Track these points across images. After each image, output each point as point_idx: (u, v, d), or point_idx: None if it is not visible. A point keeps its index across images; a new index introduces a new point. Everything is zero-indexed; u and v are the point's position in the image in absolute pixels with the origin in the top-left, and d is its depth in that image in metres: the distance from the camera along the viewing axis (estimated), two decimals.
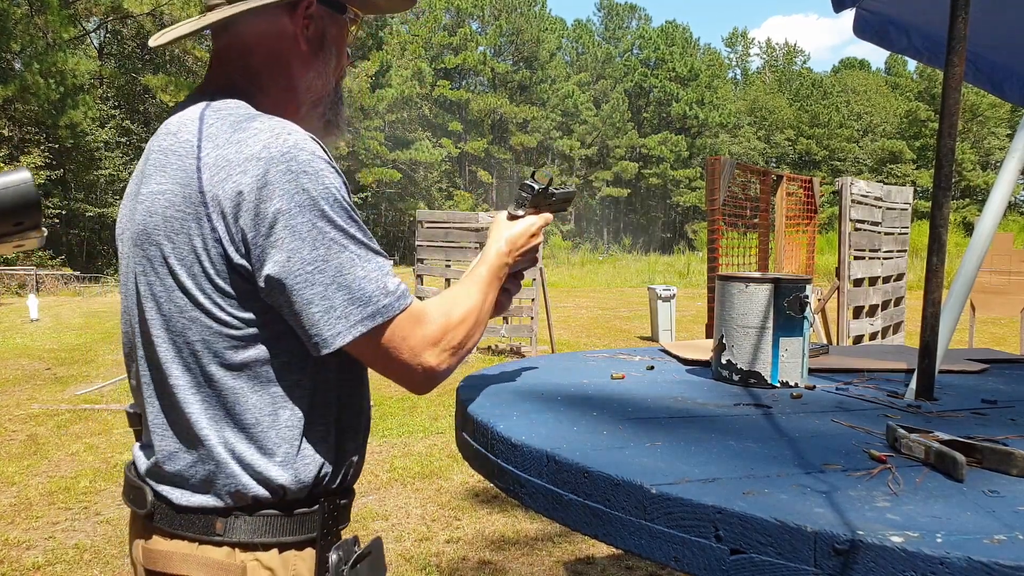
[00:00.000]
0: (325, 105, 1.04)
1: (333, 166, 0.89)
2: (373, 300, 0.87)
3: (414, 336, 0.91)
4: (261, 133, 0.86)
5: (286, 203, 0.84)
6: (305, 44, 0.99)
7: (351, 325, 0.86)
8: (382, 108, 42.43)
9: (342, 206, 0.88)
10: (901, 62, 61.80)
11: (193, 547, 0.91)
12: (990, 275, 6.11)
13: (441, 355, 0.94)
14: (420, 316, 0.92)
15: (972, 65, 2.49)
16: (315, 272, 0.85)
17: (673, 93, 52.92)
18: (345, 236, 0.87)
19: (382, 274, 0.89)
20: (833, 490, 0.75)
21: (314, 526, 0.94)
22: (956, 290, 1.33)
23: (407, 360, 0.91)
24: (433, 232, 8.67)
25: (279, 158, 0.84)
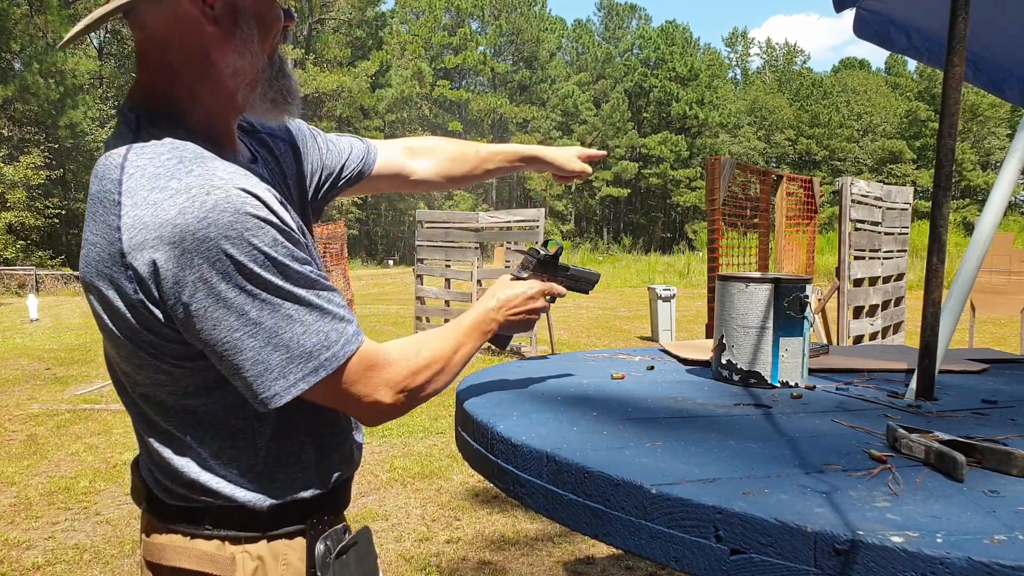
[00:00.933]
0: (263, 84, 0.94)
1: (264, 218, 0.81)
2: (314, 355, 0.85)
3: (366, 379, 0.90)
4: (178, 195, 0.79)
5: (206, 271, 0.79)
6: (211, 24, 0.87)
7: (291, 384, 0.84)
8: (382, 108, 42.41)
9: (274, 262, 0.82)
10: (901, 62, 61.81)
11: (186, 540, 0.93)
12: (990, 275, 6.11)
13: (397, 396, 0.93)
14: (372, 359, 0.91)
15: (972, 65, 2.49)
16: (245, 337, 0.82)
17: (673, 93, 52.92)
18: (279, 295, 0.82)
19: (324, 324, 0.86)
20: (833, 490, 0.75)
21: (302, 516, 0.96)
22: (956, 290, 1.33)
23: (360, 401, 0.91)
24: (433, 232, 8.67)
25: (195, 225, 0.78)
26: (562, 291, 1.22)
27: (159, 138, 0.85)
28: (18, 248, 24.06)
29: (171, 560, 0.94)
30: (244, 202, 0.80)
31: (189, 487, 0.92)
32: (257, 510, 0.93)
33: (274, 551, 0.94)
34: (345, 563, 0.96)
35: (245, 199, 0.81)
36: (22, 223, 24.28)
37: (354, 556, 0.98)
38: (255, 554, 0.93)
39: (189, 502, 0.93)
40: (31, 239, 25.73)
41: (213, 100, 0.91)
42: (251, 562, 0.92)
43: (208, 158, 0.85)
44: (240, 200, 0.80)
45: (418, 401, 0.96)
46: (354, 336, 0.88)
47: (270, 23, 0.93)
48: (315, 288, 0.86)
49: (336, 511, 1.02)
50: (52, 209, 25.56)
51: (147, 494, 0.97)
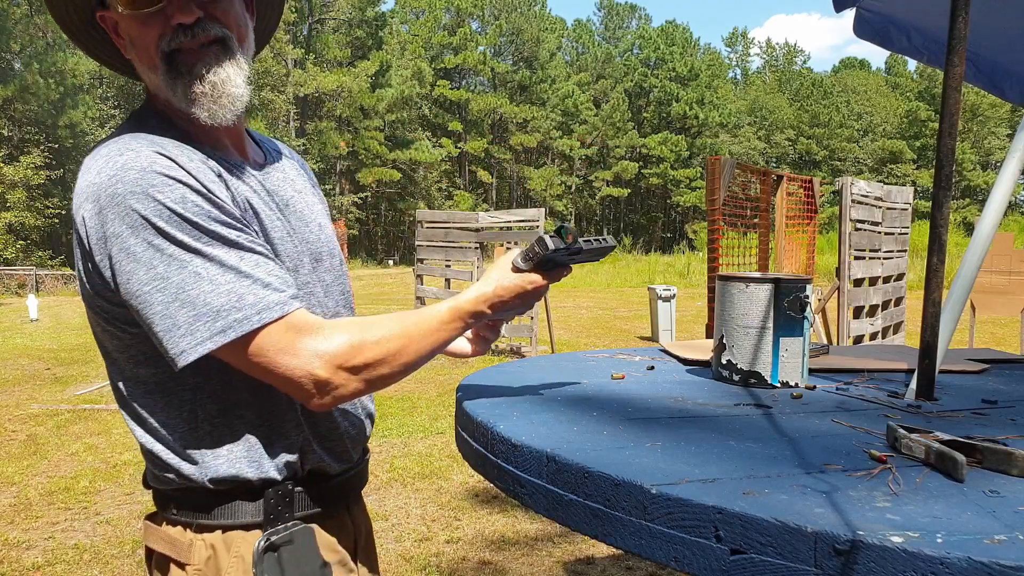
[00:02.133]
0: (165, 80, 0.93)
1: (174, 176, 0.85)
2: (222, 315, 0.83)
3: (294, 348, 0.86)
4: (100, 159, 0.87)
5: (118, 226, 0.83)
6: (123, 49, 0.97)
7: (198, 342, 0.83)
8: (382, 108, 42.41)
9: (181, 218, 0.84)
10: (901, 62, 61.82)
11: (159, 525, 0.99)
12: (990, 275, 6.11)
13: (335, 371, 0.87)
14: (303, 326, 0.87)
15: (972, 65, 2.49)
16: (154, 291, 0.83)
17: (673, 93, 52.93)
18: (186, 250, 0.83)
19: (238, 285, 0.84)
20: (833, 490, 0.75)
21: (258, 511, 0.97)
22: (956, 290, 1.33)
23: (288, 375, 0.86)
24: (433, 232, 8.67)
25: (106, 183, 0.84)
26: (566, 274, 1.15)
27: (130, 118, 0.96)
28: (18, 248, 24.07)
29: (150, 542, 1.00)
30: (153, 161, 0.85)
31: (155, 464, 0.96)
32: (198, 485, 0.94)
33: (228, 541, 0.95)
34: (275, 560, 0.94)
35: (155, 159, 0.85)
36: (22, 223, 24.29)
37: (288, 554, 0.96)
38: (209, 542, 0.95)
39: (160, 483, 0.98)
40: (31, 239, 25.74)
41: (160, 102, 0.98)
42: (205, 550, 0.95)
43: (143, 134, 0.90)
44: (149, 160, 0.85)
45: (370, 384, 0.90)
46: (277, 304, 0.86)
47: (142, 40, 0.92)
48: (236, 249, 0.86)
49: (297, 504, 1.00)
50: (52, 209, 25.57)
51: (144, 478, 1.04)
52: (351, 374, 0.88)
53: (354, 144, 41.51)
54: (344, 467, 1.07)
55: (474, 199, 48.61)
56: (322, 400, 0.88)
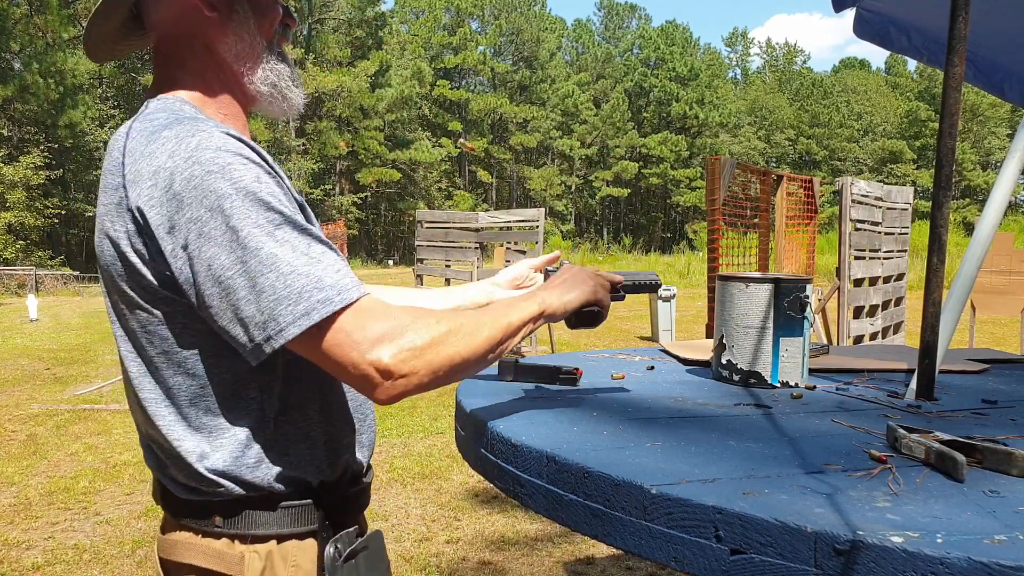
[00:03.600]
0: (265, 68, 0.98)
1: (248, 156, 0.84)
2: (304, 296, 0.79)
3: (362, 330, 0.80)
4: (168, 142, 0.83)
5: (195, 210, 0.80)
6: (210, 9, 0.93)
7: (282, 327, 0.79)
8: (382, 108, 42.41)
9: (258, 199, 0.81)
10: (901, 62, 61.82)
11: (196, 537, 0.93)
12: (990, 275, 6.11)
13: (401, 354, 0.81)
14: (372, 310, 0.82)
15: (972, 65, 2.49)
16: (235, 276, 0.79)
17: (673, 93, 52.94)
18: (263, 232, 0.80)
19: (315, 267, 0.81)
20: (833, 490, 0.75)
21: (314, 518, 0.94)
22: (956, 290, 1.33)
23: (356, 359, 0.80)
24: (433, 232, 8.66)
25: (182, 165, 0.81)
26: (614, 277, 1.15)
27: (163, 106, 0.91)
28: (18, 248, 24.07)
29: (181, 556, 0.93)
30: (226, 141, 0.83)
31: (198, 477, 0.90)
32: (254, 492, 0.91)
33: (283, 552, 0.92)
34: (354, 567, 0.93)
35: (227, 140, 0.83)
36: (22, 223, 24.29)
37: (364, 561, 0.95)
38: (264, 553, 0.91)
39: (198, 495, 0.91)
40: (31, 239, 25.73)
41: (220, 83, 0.97)
42: (259, 562, 0.91)
43: (202, 118, 0.89)
44: (222, 139, 0.83)
45: (431, 369, 0.84)
46: (354, 287, 0.82)
47: (264, 9, 0.98)
48: (305, 235, 0.83)
49: (350, 511, 1.00)
50: (52, 209, 25.56)
51: (161, 490, 0.96)
52: (414, 358, 0.82)
53: (354, 144, 41.51)
54: (368, 469, 1.08)
55: (474, 199, 48.61)
56: (387, 389, 0.82)
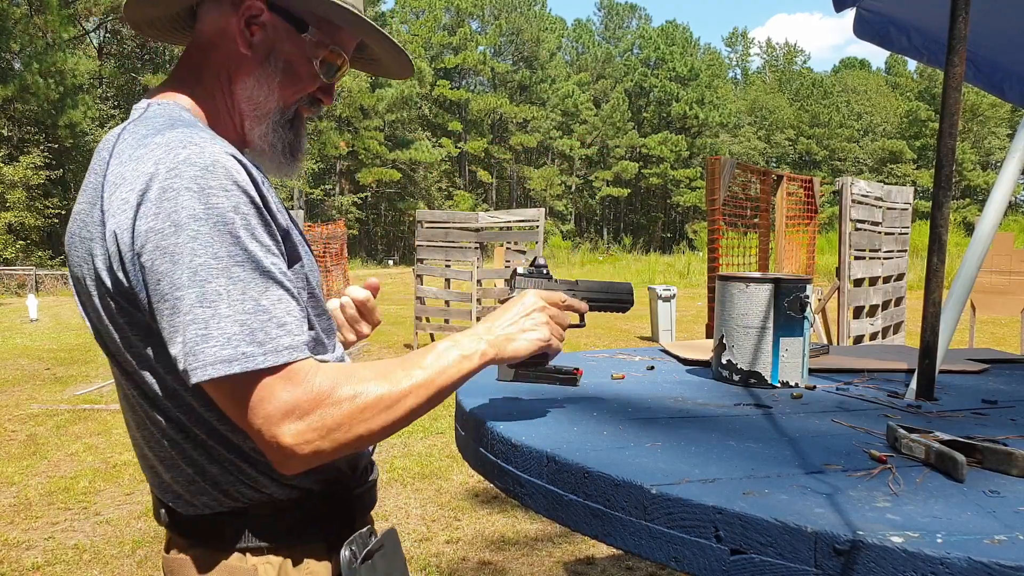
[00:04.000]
0: (269, 125, 0.96)
1: (236, 180, 0.79)
2: (232, 343, 0.75)
3: (273, 400, 0.76)
4: (158, 148, 0.80)
5: (160, 221, 0.76)
6: (246, 47, 0.93)
7: (197, 366, 0.75)
8: (382, 108, 42.41)
9: (227, 230, 0.77)
10: (901, 62, 61.83)
11: (206, 553, 0.90)
12: (990, 275, 6.11)
13: (304, 433, 0.76)
14: (294, 377, 0.77)
15: (972, 65, 2.49)
16: (183, 297, 0.76)
17: (673, 93, 52.94)
18: (219, 265, 0.76)
19: (256, 317, 0.77)
20: (833, 490, 0.75)
21: (323, 523, 0.93)
22: (956, 290, 1.33)
23: (259, 427, 0.76)
24: (433, 232, 8.66)
25: (164, 174, 0.77)
26: (580, 305, 1.04)
27: (161, 112, 0.89)
28: (18, 248, 24.06)
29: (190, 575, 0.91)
30: (217, 159, 0.79)
31: (201, 490, 0.89)
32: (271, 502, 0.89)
33: (295, 560, 0.90)
34: (372, 567, 0.92)
35: (219, 158, 0.79)
36: (22, 223, 24.29)
37: (381, 560, 0.94)
38: (277, 564, 0.89)
39: (204, 509, 0.90)
40: (31, 239, 25.73)
41: (225, 112, 0.96)
42: (273, 572, 0.89)
43: (199, 127, 0.86)
44: (214, 156, 0.79)
45: (336, 444, 0.78)
46: (287, 348, 0.77)
47: (297, 75, 0.96)
48: (264, 278, 0.79)
49: (357, 512, 0.99)
50: (52, 209, 25.56)
51: (164, 508, 0.94)
52: (319, 437, 0.78)
53: (354, 144, 41.51)
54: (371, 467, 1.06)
55: (474, 199, 48.60)
56: (285, 463, 0.79)
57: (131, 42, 32.42)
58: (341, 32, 0.98)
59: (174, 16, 0.99)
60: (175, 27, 1.01)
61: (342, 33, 0.98)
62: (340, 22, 0.97)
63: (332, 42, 0.97)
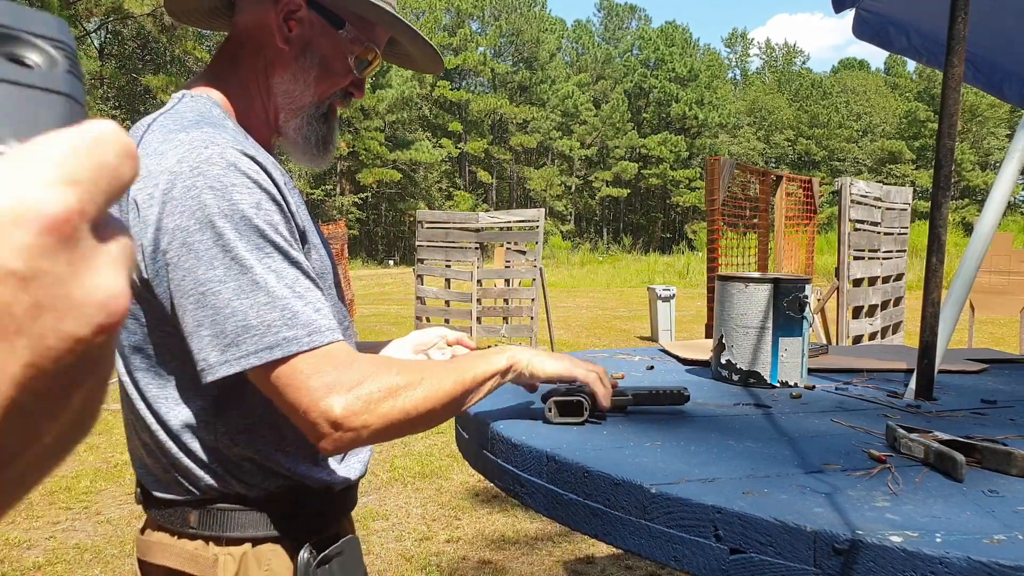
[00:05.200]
0: (303, 118, 1.00)
1: (255, 179, 0.83)
2: (272, 330, 0.78)
3: (320, 375, 0.79)
4: (182, 145, 0.83)
5: (185, 219, 0.79)
6: (283, 42, 0.96)
7: (241, 355, 0.78)
8: (382, 108, 42.42)
9: (251, 225, 0.81)
10: (901, 62, 61.83)
11: (172, 539, 0.94)
12: (989, 275, 6.11)
13: (355, 405, 0.80)
14: (336, 356, 0.81)
15: (971, 65, 2.49)
16: (208, 293, 0.79)
17: (673, 93, 52.94)
18: (250, 257, 0.80)
19: (294, 302, 0.80)
20: (833, 490, 0.75)
21: (290, 521, 0.94)
22: (955, 290, 1.33)
23: (307, 404, 0.79)
24: (433, 232, 8.66)
25: (188, 172, 0.80)
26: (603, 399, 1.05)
27: (193, 106, 0.92)
28: None
29: (156, 557, 0.95)
30: (238, 160, 0.83)
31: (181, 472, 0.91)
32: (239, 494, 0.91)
33: (258, 555, 0.92)
34: (328, 572, 0.93)
35: (240, 158, 0.83)
36: None
37: (338, 566, 0.94)
38: (238, 556, 0.91)
39: (175, 492, 0.93)
40: None
41: (259, 104, 0.99)
42: (232, 564, 0.91)
43: (226, 125, 0.89)
44: (235, 157, 0.83)
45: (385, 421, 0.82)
46: (328, 330, 0.81)
47: (332, 71, 1.00)
48: (294, 267, 0.83)
49: (329, 514, 1.00)
50: None
51: (141, 488, 0.98)
52: (366, 410, 0.81)
53: (354, 144, 41.52)
54: (361, 474, 1.07)
55: (474, 199, 48.60)
56: (334, 441, 0.81)
57: (132, 43, 32.44)
58: (375, 29, 1.02)
59: (212, 6, 1.02)
60: (213, 15, 1.05)
61: (376, 30, 1.02)
62: (375, 19, 1.00)
63: (367, 38, 1.01)
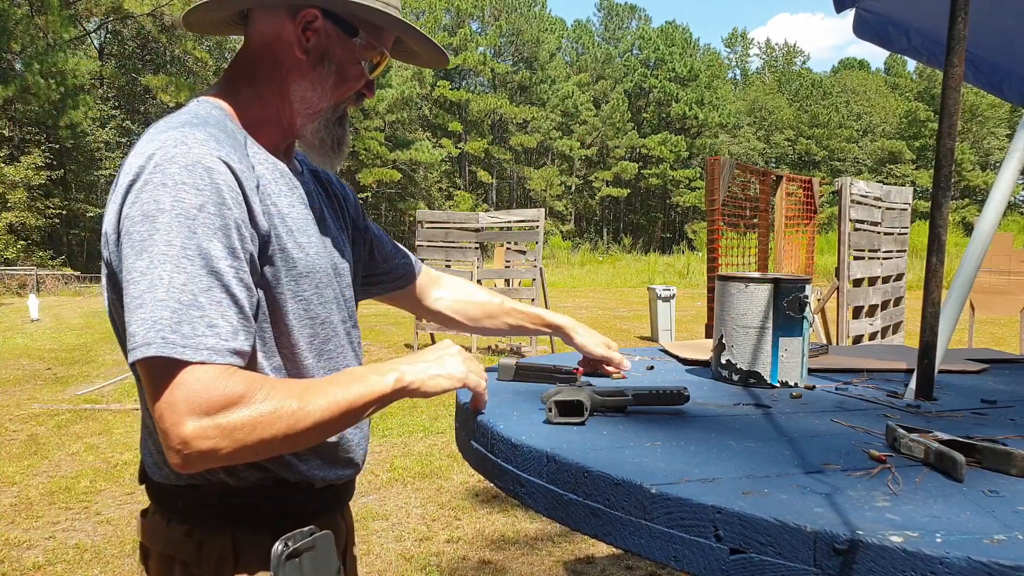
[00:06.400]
0: (321, 122, 1.03)
1: (213, 180, 0.84)
2: (156, 327, 0.78)
3: (184, 388, 0.78)
4: (155, 143, 0.86)
5: (135, 210, 0.83)
6: (302, 53, 0.99)
7: (133, 347, 0.79)
8: (382, 108, 42.42)
9: (187, 225, 0.81)
10: (901, 62, 61.83)
11: (164, 523, 0.98)
12: (990, 275, 6.11)
13: (206, 430, 0.78)
14: (210, 378, 0.79)
15: (972, 65, 2.49)
16: (131, 282, 0.81)
17: (673, 93, 52.93)
18: (170, 254, 0.80)
19: (190, 311, 0.79)
20: (833, 490, 0.75)
21: (273, 514, 0.97)
22: (956, 290, 1.33)
23: (162, 413, 0.78)
24: (433, 232, 8.66)
25: (151, 168, 0.84)
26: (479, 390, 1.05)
27: (194, 109, 0.95)
28: (19, 248, 24.05)
29: (149, 541, 0.99)
30: (201, 158, 0.85)
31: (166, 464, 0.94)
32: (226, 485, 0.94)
33: (239, 545, 0.95)
34: (297, 566, 0.94)
35: (203, 156, 0.85)
36: (23, 223, 24.29)
37: (308, 560, 0.95)
38: (219, 545, 0.95)
39: (169, 478, 0.96)
40: (32, 239, 25.72)
41: (275, 111, 1.01)
42: (215, 552, 0.94)
43: (212, 126, 0.91)
44: (199, 155, 0.85)
45: (236, 446, 0.80)
46: (212, 348, 0.80)
47: (348, 77, 1.03)
48: (212, 276, 0.82)
49: (307, 511, 1.01)
50: (53, 209, 25.56)
51: (141, 470, 1.02)
52: (221, 435, 0.79)
53: (354, 144, 41.52)
54: (351, 472, 1.08)
55: (474, 199, 48.59)
56: (181, 458, 0.79)
57: (132, 43, 32.41)
58: (384, 33, 1.05)
59: (226, 18, 1.05)
60: (226, 24, 1.07)
61: (384, 33, 1.05)
62: (387, 26, 1.04)
63: (379, 43, 1.04)
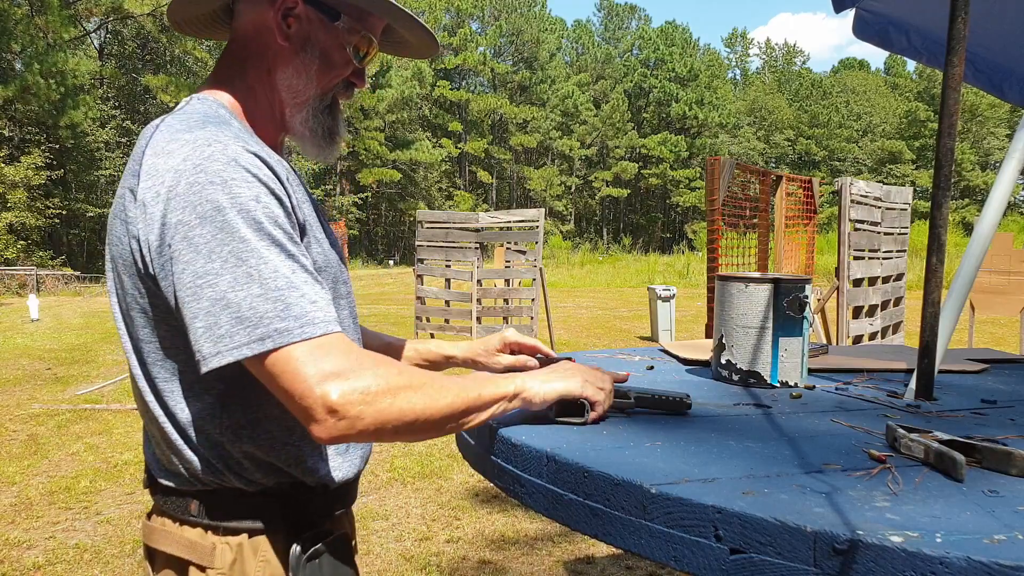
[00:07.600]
0: (309, 111, 1.02)
1: (256, 174, 0.85)
2: (264, 321, 0.80)
3: (316, 363, 0.80)
4: (187, 145, 0.85)
5: (187, 214, 0.82)
6: (284, 39, 0.99)
7: (234, 346, 0.80)
8: (382, 108, 42.40)
9: (251, 218, 0.83)
10: (901, 62, 61.82)
11: (174, 526, 0.96)
12: (990, 275, 6.11)
13: (352, 395, 0.80)
14: (333, 346, 0.82)
15: (972, 65, 2.49)
16: (205, 286, 0.81)
17: (673, 93, 52.95)
18: (246, 250, 0.81)
19: (288, 293, 0.81)
20: (833, 490, 0.75)
21: (287, 514, 0.96)
22: (956, 290, 1.33)
23: (303, 390, 0.80)
24: (433, 232, 8.66)
25: (191, 169, 0.83)
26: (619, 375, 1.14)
27: (200, 108, 0.95)
28: (19, 248, 24.07)
29: (158, 543, 0.97)
30: (239, 155, 0.85)
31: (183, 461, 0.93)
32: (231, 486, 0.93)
33: (255, 545, 0.94)
34: (317, 567, 0.94)
35: (240, 153, 0.86)
36: (23, 223, 24.29)
37: (328, 562, 0.95)
38: (235, 545, 0.94)
39: (179, 481, 0.95)
40: (32, 239, 25.73)
41: (266, 104, 1.01)
42: (230, 554, 0.93)
43: (230, 124, 0.92)
44: (236, 152, 0.85)
45: (380, 415, 0.82)
46: (321, 321, 0.82)
47: (333, 63, 1.02)
48: (292, 261, 0.84)
49: (325, 510, 1.01)
50: (53, 209, 25.57)
51: (148, 474, 1.00)
52: (364, 402, 0.81)
53: (354, 144, 41.51)
54: (359, 471, 1.08)
55: (474, 199, 48.59)
56: (330, 427, 0.81)
57: (132, 43, 32.42)
58: (370, 17, 1.04)
59: (212, 14, 1.04)
60: (213, 23, 1.07)
61: (371, 18, 1.04)
62: (368, 7, 1.02)
63: (363, 28, 1.03)
